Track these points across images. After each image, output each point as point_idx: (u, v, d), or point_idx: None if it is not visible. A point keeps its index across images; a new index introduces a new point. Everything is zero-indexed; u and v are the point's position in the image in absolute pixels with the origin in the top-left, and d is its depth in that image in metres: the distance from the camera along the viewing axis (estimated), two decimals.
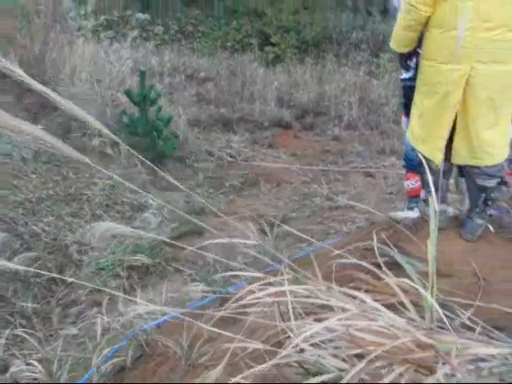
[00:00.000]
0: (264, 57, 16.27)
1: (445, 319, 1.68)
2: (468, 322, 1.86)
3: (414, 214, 4.12)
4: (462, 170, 3.81)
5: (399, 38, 3.58)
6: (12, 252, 6.10)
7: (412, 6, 3.28)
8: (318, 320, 1.61)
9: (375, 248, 2.19)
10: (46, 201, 7.25)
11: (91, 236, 2.31)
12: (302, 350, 1.61)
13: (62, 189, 7.63)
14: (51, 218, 6.97)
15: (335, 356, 1.57)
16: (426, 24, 3.41)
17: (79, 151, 7.18)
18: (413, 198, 4.58)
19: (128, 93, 9.05)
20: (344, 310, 1.61)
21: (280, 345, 1.69)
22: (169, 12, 17.28)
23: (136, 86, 9.40)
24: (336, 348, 1.59)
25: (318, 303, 1.75)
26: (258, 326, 2.16)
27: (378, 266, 2.00)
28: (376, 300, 1.74)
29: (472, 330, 1.79)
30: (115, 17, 13.83)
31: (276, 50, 16.62)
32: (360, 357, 1.53)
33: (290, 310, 1.76)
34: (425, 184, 3.91)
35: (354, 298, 1.75)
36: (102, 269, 6.36)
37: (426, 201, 3.86)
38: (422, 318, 1.70)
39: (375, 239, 2.22)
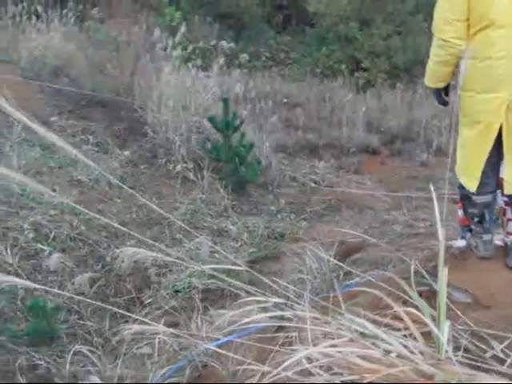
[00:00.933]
0: (354, 82, 16.14)
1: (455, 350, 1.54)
2: (501, 355, 1.68)
3: (462, 242, 4.06)
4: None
5: (435, 74, 3.60)
6: (94, 272, 6.40)
7: (446, 41, 3.30)
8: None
9: (411, 277, 2.08)
10: (129, 224, 7.51)
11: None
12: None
13: (145, 213, 7.86)
14: (132, 241, 7.22)
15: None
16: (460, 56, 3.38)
17: (164, 177, 7.49)
18: (465, 227, 4.38)
19: (211, 119, 9.26)
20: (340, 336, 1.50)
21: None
22: (260, 39, 17.68)
23: (221, 113, 9.61)
24: (332, 374, 1.48)
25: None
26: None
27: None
28: (392, 329, 1.63)
29: (503, 362, 1.62)
30: (203, 46, 14.34)
31: (366, 75, 16.45)
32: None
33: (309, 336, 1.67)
34: (468, 214, 3.95)
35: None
36: (179, 291, 6.46)
37: (471, 231, 3.92)
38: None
39: (412, 268, 2.13)
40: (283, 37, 18.49)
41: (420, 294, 2.13)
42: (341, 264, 5.29)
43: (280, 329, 3.23)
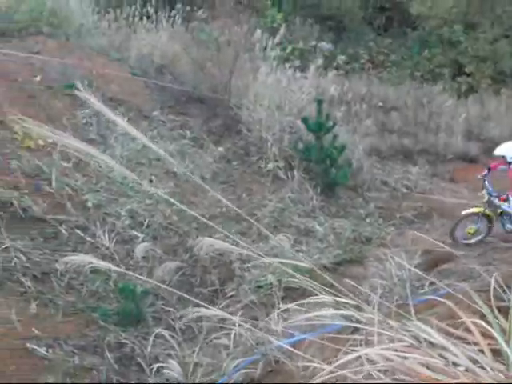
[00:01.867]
0: (455, 87, 15.58)
1: None
2: None
3: None
4: None
5: None
6: (182, 262, 6.68)
7: None
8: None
9: (491, 292, 2.07)
10: (219, 218, 7.74)
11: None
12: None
13: (235, 207, 8.05)
14: (221, 234, 7.44)
15: None
16: None
17: (255, 174, 7.64)
18: None
19: (305, 120, 9.33)
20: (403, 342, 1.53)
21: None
22: (360, 41, 17.49)
23: (315, 114, 9.64)
24: (393, 379, 1.52)
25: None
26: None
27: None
28: (463, 341, 1.64)
29: None
30: (302, 47, 14.43)
31: (470, 80, 15.81)
32: None
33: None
34: None
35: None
36: (261, 287, 6.58)
37: None
38: None
39: (493, 282, 2.11)
40: (384, 39, 18.18)
41: (499, 309, 2.09)
42: (421, 273, 5.17)
43: (354, 331, 3.26)
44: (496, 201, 7.30)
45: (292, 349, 4.14)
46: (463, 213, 7.46)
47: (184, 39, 11.95)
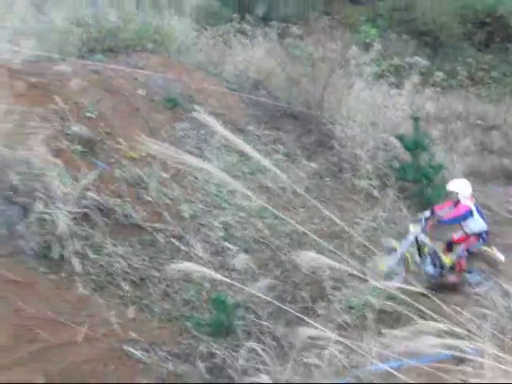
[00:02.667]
0: None
1: None
2: None
3: None
4: None
5: None
6: (274, 277, 6.69)
7: None
8: None
9: None
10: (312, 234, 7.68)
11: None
12: None
13: (327, 224, 7.99)
14: (313, 250, 7.38)
15: None
16: None
17: (347, 191, 7.54)
18: None
19: (400, 138, 9.15)
20: None
21: None
22: (458, 57, 16.92)
23: (410, 132, 9.43)
24: None
25: None
26: None
27: None
28: None
29: None
30: (397, 63, 14.15)
31: None
32: None
33: None
34: None
35: None
36: (352, 307, 6.46)
37: None
38: None
39: None
40: (484, 55, 17.47)
41: None
42: None
43: (456, 360, 3.10)
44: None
45: (390, 374, 4.02)
46: None
47: (279, 55, 12.07)
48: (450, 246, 7.52)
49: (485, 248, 7.31)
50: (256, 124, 9.59)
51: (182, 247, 6.45)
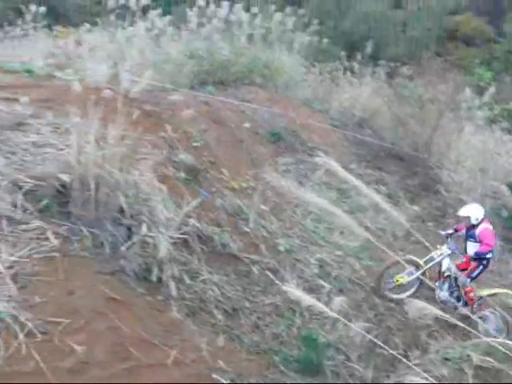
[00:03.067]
0: None
1: None
2: None
3: None
4: None
5: None
6: (366, 320, 6.51)
7: None
8: None
9: None
10: None
11: None
12: None
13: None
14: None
15: None
16: None
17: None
18: None
19: (510, 186, 8.72)
20: None
21: None
22: None
23: None
24: None
25: None
26: None
27: None
28: None
29: None
30: (511, 108, 13.57)
31: None
32: None
33: None
34: None
35: None
36: (448, 359, 6.16)
37: None
38: None
39: None
40: None
41: None
42: None
43: None
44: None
45: None
46: None
47: (386, 94, 11.97)
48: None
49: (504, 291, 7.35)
50: (359, 163, 9.52)
51: (277, 281, 6.44)
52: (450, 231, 7.52)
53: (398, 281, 7.03)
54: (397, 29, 16.88)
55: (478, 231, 7.10)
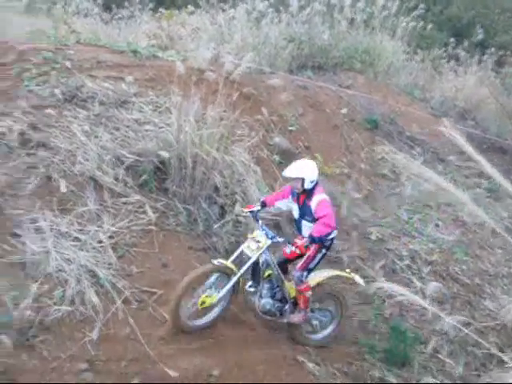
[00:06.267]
0: None
1: None
2: None
3: None
4: None
5: None
6: (459, 315, 6.27)
7: None
8: None
9: None
10: (505, 278, 7.10)
11: None
12: None
13: None
14: (504, 295, 6.79)
15: None
16: None
17: None
18: None
19: None
20: None
21: None
22: None
23: None
24: None
25: None
26: None
27: None
28: None
29: None
30: None
31: None
32: None
33: None
34: None
35: None
36: None
37: None
38: None
39: None
40: None
41: None
42: None
43: None
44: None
45: None
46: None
47: (492, 84, 11.38)
48: (284, 266, 5.17)
49: (338, 272, 5.28)
50: (459, 155, 9.11)
51: (365, 268, 6.36)
52: (257, 207, 5.14)
53: (203, 303, 4.60)
54: (507, 15, 15.88)
55: (313, 204, 4.83)
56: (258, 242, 4.78)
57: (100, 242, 4.90)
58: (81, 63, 6.68)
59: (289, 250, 4.84)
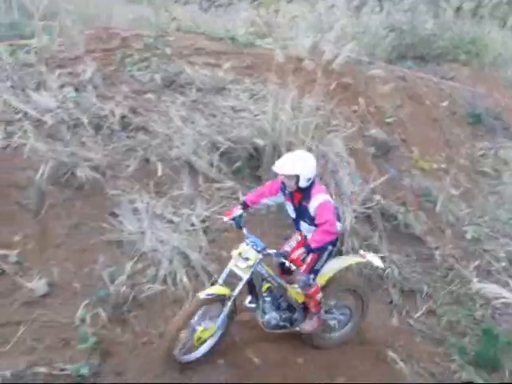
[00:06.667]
0: None
1: None
2: None
3: None
4: None
5: None
6: None
7: None
8: None
9: None
10: None
11: None
12: None
13: None
14: None
15: None
16: None
17: None
18: None
19: None
20: None
21: None
22: None
23: None
24: None
25: None
26: None
27: None
28: None
29: None
30: None
31: None
32: None
33: None
34: None
35: None
36: None
37: None
38: None
39: None
40: None
41: None
42: None
43: None
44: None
45: None
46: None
47: None
48: (285, 268, 4.31)
49: (351, 261, 4.65)
50: None
51: (460, 270, 6.10)
52: (238, 211, 4.35)
53: (200, 338, 4.10)
54: None
55: (312, 207, 4.16)
56: (247, 259, 4.05)
57: (192, 225, 5.04)
58: (180, 50, 6.86)
59: (291, 248, 4.39)
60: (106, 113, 5.58)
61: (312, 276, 4.33)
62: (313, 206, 4.10)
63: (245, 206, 4.37)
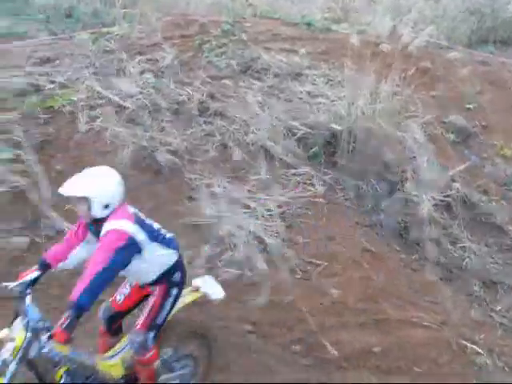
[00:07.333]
0: None
1: None
2: None
3: None
4: None
5: None
6: None
7: None
8: None
9: None
10: None
11: None
12: None
13: None
14: None
15: None
16: None
17: None
18: None
19: None
20: None
21: None
22: None
23: None
24: None
25: None
26: None
27: None
28: None
29: None
30: None
31: None
32: None
33: None
34: None
35: None
36: None
37: None
38: None
39: None
40: None
41: None
42: None
43: None
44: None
45: None
46: None
47: None
48: (112, 327, 3.44)
49: (186, 300, 3.45)
50: None
51: None
52: (33, 274, 3.16)
53: None
54: None
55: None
56: (13, 339, 2.84)
57: (269, 210, 5.05)
58: (256, 36, 6.87)
59: (120, 298, 3.38)
60: (185, 98, 5.67)
61: (151, 335, 3.22)
62: (102, 236, 2.97)
63: (45, 266, 3.21)
